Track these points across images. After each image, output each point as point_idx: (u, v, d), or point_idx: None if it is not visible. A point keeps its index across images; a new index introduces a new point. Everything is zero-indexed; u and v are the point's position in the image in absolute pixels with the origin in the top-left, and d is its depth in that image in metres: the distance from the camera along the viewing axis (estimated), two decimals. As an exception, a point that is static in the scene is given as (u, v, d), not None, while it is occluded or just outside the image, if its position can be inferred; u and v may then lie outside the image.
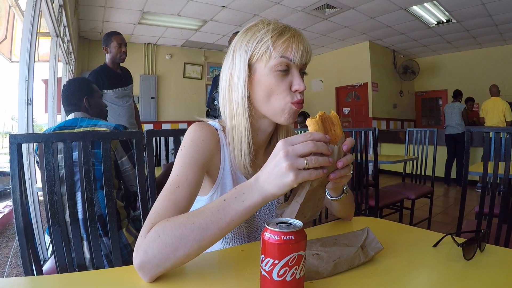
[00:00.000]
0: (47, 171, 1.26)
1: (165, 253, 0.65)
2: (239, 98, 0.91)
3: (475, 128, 2.18)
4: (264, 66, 0.88)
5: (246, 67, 0.89)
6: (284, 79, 0.89)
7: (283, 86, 0.89)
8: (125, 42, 3.28)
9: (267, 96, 0.90)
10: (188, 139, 0.90)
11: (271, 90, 0.89)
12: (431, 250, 0.85)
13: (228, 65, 0.95)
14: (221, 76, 0.98)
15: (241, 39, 0.92)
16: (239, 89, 0.91)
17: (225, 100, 0.96)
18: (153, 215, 0.73)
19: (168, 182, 0.81)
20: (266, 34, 0.87)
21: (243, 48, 0.91)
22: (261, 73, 0.89)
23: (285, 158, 0.62)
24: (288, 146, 0.63)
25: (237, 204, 0.66)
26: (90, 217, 1.30)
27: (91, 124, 1.83)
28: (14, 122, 8.67)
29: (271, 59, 0.87)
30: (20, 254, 1.26)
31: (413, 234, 1.02)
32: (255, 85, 0.91)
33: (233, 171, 0.99)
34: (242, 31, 0.95)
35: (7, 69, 4.91)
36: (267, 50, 0.87)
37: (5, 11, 4.20)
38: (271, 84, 0.88)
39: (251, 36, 0.90)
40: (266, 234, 0.57)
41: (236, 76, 0.92)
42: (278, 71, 0.87)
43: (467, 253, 0.78)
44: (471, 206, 3.98)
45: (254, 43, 0.89)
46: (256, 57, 0.89)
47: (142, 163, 1.35)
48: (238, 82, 0.91)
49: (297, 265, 0.56)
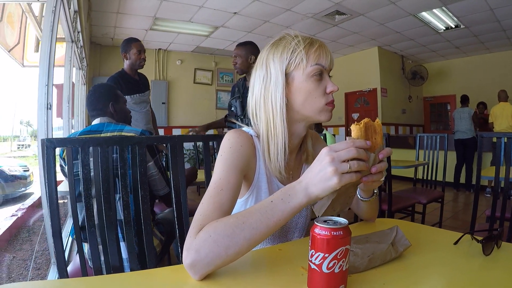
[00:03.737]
0: (84, 174, 1.29)
1: (217, 251, 0.71)
2: (277, 104, 0.99)
3: (487, 133, 2.23)
4: (301, 74, 0.97)
5: (283, 76, 0.97)
6: (320, 83, 0.98)
7: (320, 90, 0.98)
8: (144, 49, 3.34)
9: (306, 99, 0.98)
10: (228, 145, 0.97)
11: (310, 94, 0.98)
12: (452, 247, 0.93)
13: (261, 76, 1.02)
14: (253, 87, 1.05)
15: (273, 51, 1.01)
16: (277, 97, 0.98)
17: (260, 108, 1.03)
18: (200, 217, 0.79)
19: (211, 186, 0.88)
20: (298, 45, 0.96)
21: (277, 59, 0.99)
22: (300, 80, 0.98)
23: (330, 163, 0.68)
24: (333, 153, 0.69)
25: (284, 205, 0.73)
26: (126, 219, 1.34)
27: (118, 129, 1.87)
28: (22, 126, 8.79)
29: (308, 66, 0.96)
30: (56, 257, 1.29)
31: (434, 234, 1.10)
32: (294, 91, 0.99)
33: (267, 175, 1.06)
34: (271, 45, 1.03)
35: (19, 74, 4.97)
36: (303, 59, 0.96)
37: (17, 16, 4.28)
38: (310, 89, 0.97)
39: (283, 47, 0.99)
40: (316, 230, 0.64)
41: (272, 85, 0.99)
42: (315, 76, 0.97)
43: (486, 249, 0.86)
44: (481, 210, 4.01)
45: (288, 53, 0.97)
46: (293, 66, 0.97)
47: (181, 167, 1.38)
48: (276, 90, 0.98)
49: (344, 257, 0.63)
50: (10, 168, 5.58)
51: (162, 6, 5.75)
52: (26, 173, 5.73)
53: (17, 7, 3.96)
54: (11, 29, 4.23)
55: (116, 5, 5.66)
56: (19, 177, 5.61)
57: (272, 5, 5.69)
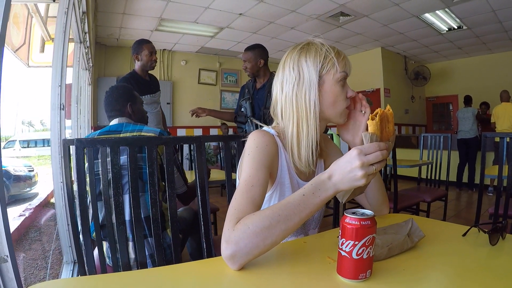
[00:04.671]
0: (113, 174, 1.35)
1: (255, 241, 0.79)
2: (311, 104, 1.07)
3: (491, 133, 2.31)
4: (332, 78, 1.06)
5: (317, 77, 1.06)
6: (343, 89, 1.08)
7: (343, 95, 1.08)
8: (155, 50, 3.38)
9: (333, 102, 1.08)
10: (254, 145, 1.05)
11: (337, 97, 1.07)
12: (461, 239, 1.02)
13: (293, 76, 1.08)
14: (281, 86, 1.12)
15: (304, 54, 1.08)
16: (311, 97, 1.07)
17: (291, 107, 1.10)
18: (235, 211, 0.87)
19: (242, 183, 0.96)
20: (329, 51, 1.06)
21: (311, 62, 1.07)
22: (330, 84, 1.07)
23: (361, 168, 0.79)
24: (363, 157, 0.79)
25: (315, 198, 0.82)
26: (154, 217, 1.39)
27: (137, 130, 1.90)
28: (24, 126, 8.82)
29: (337, 72, 1.06)
30: (85, 254, 1.35)
31: (443, 227, 1.22)
32: (323, 93, 1.07)
33: (289, 171, 1.15)
34: (300, 48, 1.10)
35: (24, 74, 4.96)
36: (334, 65, 1.05)
37: (23, 17, 4.33)
38: (337, 92, 1.07)
39: (315, 52, 1.07)
40: (346, 220, 0.73)
41: (306, 85, 1.07)
42: (342, 81, 1.07)
43: (492, 239, 0.95)
44: (483, 209, 4.07)
45: (321, 58, 1.06)
46: (325, 70, 1.06)
47: (204, 166, 1.45)
48: (310, 91, 1.07)
49: (371, 245, 0.73)
50: (15, 168, 5.59)
51: (168, 7, 5.80)
52: (31, 173, 5.69)
53: (22, 7, 3.99)
54: (16, 29, 4.26)
55: (122, 6, 5.71)
56: (24, 178, 5.58)
57: (278, 6, 5.75)
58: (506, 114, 6.24)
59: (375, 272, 0.77)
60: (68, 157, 1.40)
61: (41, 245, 3.66)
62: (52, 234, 3.75)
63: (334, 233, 1.05)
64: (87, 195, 1.42)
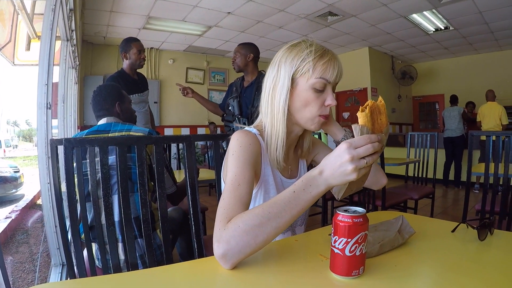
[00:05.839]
0: (103, 174, 1.33)
1: (246, 240, 0.78)
2: (280, 105, 1.08)
3: (477, 132, 2.35)
4: (305, 82, 1.05)
5: (289, 80, 1.06)
6: (320, 95, 1.06)
7: (318, 102, 1.06)
8: (144, 49, 3.35)
9: (303, 107, 1.07)
10: (237, 144, 1.04)
11: (307, 103, 1.06)
12: (450, 234, 1.04)
13: (272, 76, 1.10)
14: (265, 84, 1.14)
15: (286, 55, 1.08)
16: (282, 98, 1.07)
17: (268, 105, 1.12)
18: (224, 210, 0.87)
19: (229, 182, 0.96)
20: (309, 55, 1.04)
21: (288, 64, 1.06)
22: (302, 88, 1.06)
23: (351, 162, 0.76)
24: (352, 151, 0.77)
25: (306, 195, 0.81)
26: (144, 217, 1.38)
27: (125, 129, 1.88)
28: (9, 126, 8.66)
29: (312, 78, 1.04)
30: (75, 256, 1.33)
31: (433, 223, 1.24)
32: (295, 96, 1.07)
33: (272, 169, 1.16)
34: (287, 48, 1.10)
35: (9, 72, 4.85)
36: (309, 69, 1.03)
37: (9, 14, 4.25)
38: (308, 98, 1.06)
39: (296, 54, 1.06)
40: (339, 218, 0.73)
41: (280, 86, 1.08)
42: (316, 89, 1.04)
43: (481, 234, 0.97)
44: (470, 206, 4.13)
45: (298, 61, 1.05)
46: (299, 73, 1.05)
47: (194, 164, 1.45)
48: (282, 92, 1.07)
49: (364, 242, 0.73)
50: (0, 169, 5.49)
51: (156, 5, 5.75)
52: (17, 174, 5.59)
53: (8, 4, 3.92)
54: (2, 26, 4.19)
55: (109, 4, 5.64)
56: (10, 179, 5.46)
57: (266, 5, 5.75)
58: (492, 113, 6.34)
59: (368, 268, 0.78)
60: (56, 158, 1.37)
61: (29, 248, 3.59)
62: (39, 236, 3.69)
63: (325, 231, 1.06)
64: (75, 196, 1.39)
